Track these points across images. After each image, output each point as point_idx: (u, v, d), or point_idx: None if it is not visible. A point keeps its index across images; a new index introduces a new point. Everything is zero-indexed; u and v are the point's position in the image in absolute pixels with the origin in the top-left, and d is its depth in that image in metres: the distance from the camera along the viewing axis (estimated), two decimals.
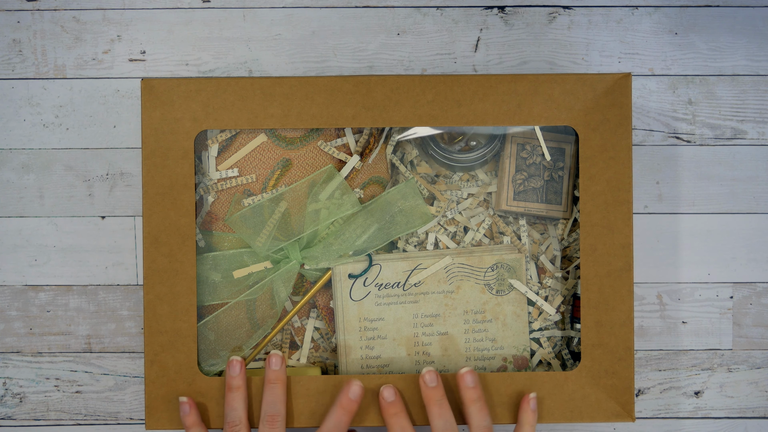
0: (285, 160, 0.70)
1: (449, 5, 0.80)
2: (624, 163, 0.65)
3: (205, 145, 0.70)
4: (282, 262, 0.69)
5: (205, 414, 0.66)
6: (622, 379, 0.65)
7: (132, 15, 0.80)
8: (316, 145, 0.70)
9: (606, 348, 0.65)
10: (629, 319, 0.66)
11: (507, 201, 0.71)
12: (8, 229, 0.79)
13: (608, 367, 0.65)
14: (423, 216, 0.70)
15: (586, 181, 0.65)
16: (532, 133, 0.71)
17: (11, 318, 0.78)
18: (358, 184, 0.71)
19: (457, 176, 0.73)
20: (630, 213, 0.66)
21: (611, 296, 0.65)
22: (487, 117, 0.66)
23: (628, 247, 0.66)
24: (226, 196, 0.70)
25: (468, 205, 0.73)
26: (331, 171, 0.69)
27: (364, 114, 0.66)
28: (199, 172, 0.70)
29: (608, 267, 0.65)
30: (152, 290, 0.66)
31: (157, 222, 0.66)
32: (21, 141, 0.79)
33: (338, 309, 0.69)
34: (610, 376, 0.65)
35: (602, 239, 0.65)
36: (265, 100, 0.65)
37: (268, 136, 0.69)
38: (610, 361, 0.65)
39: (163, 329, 0.66)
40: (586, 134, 0.65)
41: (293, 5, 0.80)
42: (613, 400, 0.65)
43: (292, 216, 0.69)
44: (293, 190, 0.69)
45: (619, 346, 0.65)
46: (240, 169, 0.70)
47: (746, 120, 0.80)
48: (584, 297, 0.65)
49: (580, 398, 0.65)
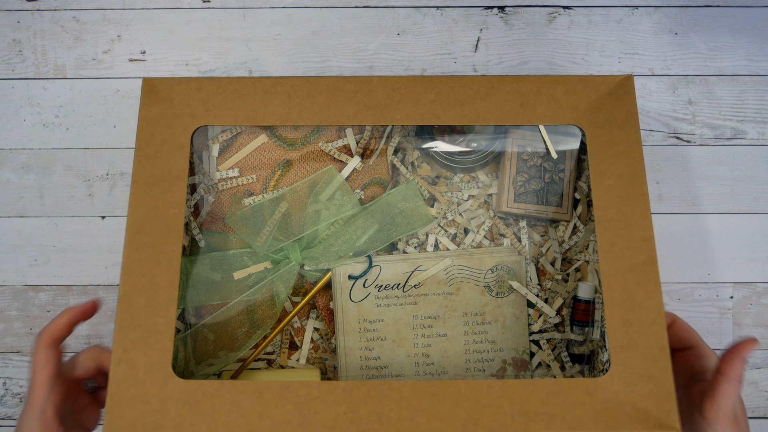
0: (286, 160, 0.70)
1: (449, 5, 0.80)
2: (635, 157, 0.63)
3: (206, 145, 0.70)
4: (282, 262, 0.69)
5: (179, 419, 0.56)
6: (659, 383, 0.58)
7: (132, 15, 0.80)
8: (317, 145, 0.70)
9: (637, 349, 0.59)
10: (660, 316, 0.60)
11: (507, 203, 0.71)
12: (8, 229, 0.79)
13: (642, 371, 0.58)
14: (423, 217, 0.70)
15: (597, 177, 0.63)
16: (533, 135, 0.71)
17: (11, 318, 0.78)
18: (358, 185, 0.71)
19: (457, 178, 0.73)
20: (647, 205, 0.63)
21: (637, 292, 0.60)
22: (489, 116, 0.65)
23: (649, 239, 0.62)
24: (226, 196, 0.70)
25: (468, 207, 0.73)
26: (332, 172, 0.69)
27: (365, 112, 0.65)
28: (200, 172, 0.70)
29: (630, 262, 0.61)
30: (129, 281, 0.59)
31: (143, 212, 0.61)
32: (21, 141, 0.79)
33: (338, 310, 0.69)
34: (645, 381, 0.58)
35: (620, 234, 0.62)
36: (265, 98, 0.65)
37: (268, 137, 0.69)
38: (644, 363, 0.58)
39: (137, 324, 0.58)
40: (593, 131, 0.64)
41: (293, 5, 0.80)
42: (653, 408, 0.57)
43: (293, 216, 0.69)
44: (294, 191, 0.69)
45: (651, 346, 0.59)
46: (241, 169, 0.70)
47: (746, 120, 0.80)
48: (607, 296, 0.61)
49: (613, 407, 0.58)
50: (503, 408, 0.57)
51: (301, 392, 0.57)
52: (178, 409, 0.56)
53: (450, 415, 0.57)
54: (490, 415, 0.57)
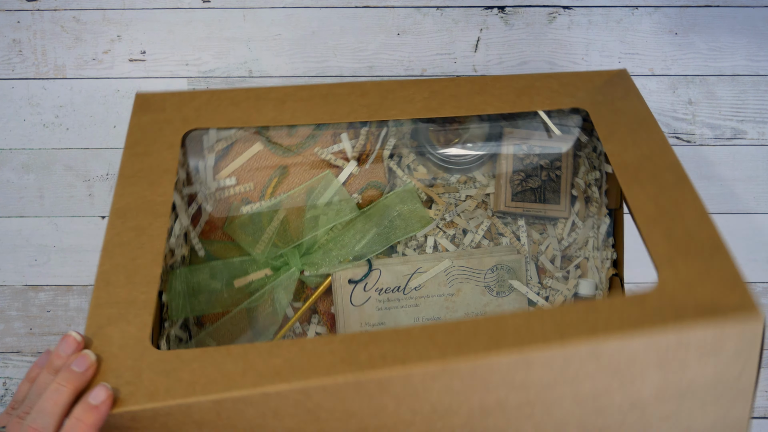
0: (282, 167, 0.70)
1: (449, 5, 0.80)
2: (652, 128, 0.59)
3: (202, 155, 0.70)
4: (282, 269, 0.69)
5: (153, 387, 0.49)
6: (722, 274, 0.49)
7: (132, 15, 0.80)
8: (312, 151, 0.70)
9: (687, 255, 0.51)
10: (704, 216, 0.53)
11: (505, 202, 0.71)
12: (8, 229, 0.79)
13: (701, 271, 0.50)
14: (422, 219, 0.70)
15: (614, 157, 0.58)
16: (528, 133, 0.71)
17: (11, 318, 0.78)
18: (355, 190, 0.71)
19: (454, 179, 0.73)
20: (666, 142, 0.58)
21: (672, 208, 0.54)
22: (487, 107, 0.65)
23: (676, 166, 0.56)
24: (224, 205, 0.70)
25: (466, 207, 0.73)
26: (329, 177, 0.69)
27: (359, 111, 0.65)
28: (197, 182, 0.70)
29: (659, 184, 0.56)
30: (110, 261, 0.54)
31: (128, 199, 0.58)
32: (21, 141, 0.79)
33: (339, 314, 0.69)
34: (705, 279, 0.49)
35: (643, 166, 0.57)
36: (258, 104, 0.64)
37: (264, 145, 0.69)
38: (700, 264, 0.50)
39: (115, 301, 0.53)
40: (598, 112, 0.63)
41: (293, 5, 0.80)
42: (729, 292, 0.49)
43: (291, 223, 0.69)
44: (291, 198, 0.69)
45: (704, 244, 0.51)
46: (238, 177, 0.70)
47: (746, 120, 0.80)
48: (640, 218, 0.54)
49: (683, 301, 0.49)
50: (532, 327, 0.49)
51: (293, 348, 0.50)
52: (152, 378, 0.49)
53: (471, 344, 0.48)
54: (516, 335, 0.48)
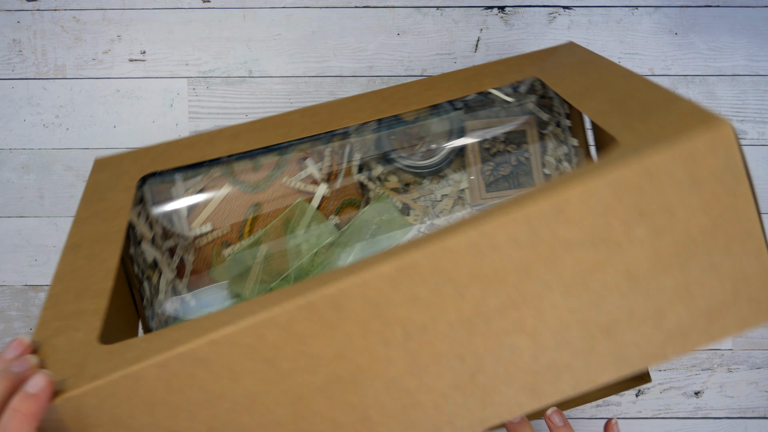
0: (255, 204, 0.70)
1: (449, 5, 0.80)
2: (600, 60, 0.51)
3: (174, 208, 0.70)
4: None
5: (96, 372, 0.46)
6: (684, 112, 0.41)
7: (132, 15, 0.80)
8: (281, 182, 0.70)
9: (647, 118, 0.43)
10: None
11: (481, 194, 0.71)
12: (8, 229, 0.79)
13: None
14: (402, 227, 0.71)
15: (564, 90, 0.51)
16: (487, 122, 0.71)
17: (11, 318, 0.78)
18: (331, 211, 0.71)
19: (427, 181, 0.73)
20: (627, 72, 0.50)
21: (625, 98, 0.47)
22: (437, 98, 0.66)
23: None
24: (205, 252, 0.70)
25: (444, 206, 0.73)
26: (302, 205, 0.70)
27: (311, 127, 0.66)
28: (174, 235, 0.70)
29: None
30: (60, 284, 0.53)
31: (82, 235, 0.58)
32: (21, 141, 0.79)
33: None
34: (668, 121, 0.41)
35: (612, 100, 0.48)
36: (212, 141, 0.67)
37: (233, 185, 0.70)
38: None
39: (63, 315, 0.50)
40: (547, 73, 0.58)
41: (293, 5, 0.80)
42: (689, 121, 0.40)
43: (274, 256, 0.70)
44: (269, 232, 0.70)
45: (659, 104, 0.43)
46: (213, 222, 0.70)
47: (746, 120, 0.80)
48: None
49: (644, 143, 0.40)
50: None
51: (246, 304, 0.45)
52: (96, 366, 0.46)
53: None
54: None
